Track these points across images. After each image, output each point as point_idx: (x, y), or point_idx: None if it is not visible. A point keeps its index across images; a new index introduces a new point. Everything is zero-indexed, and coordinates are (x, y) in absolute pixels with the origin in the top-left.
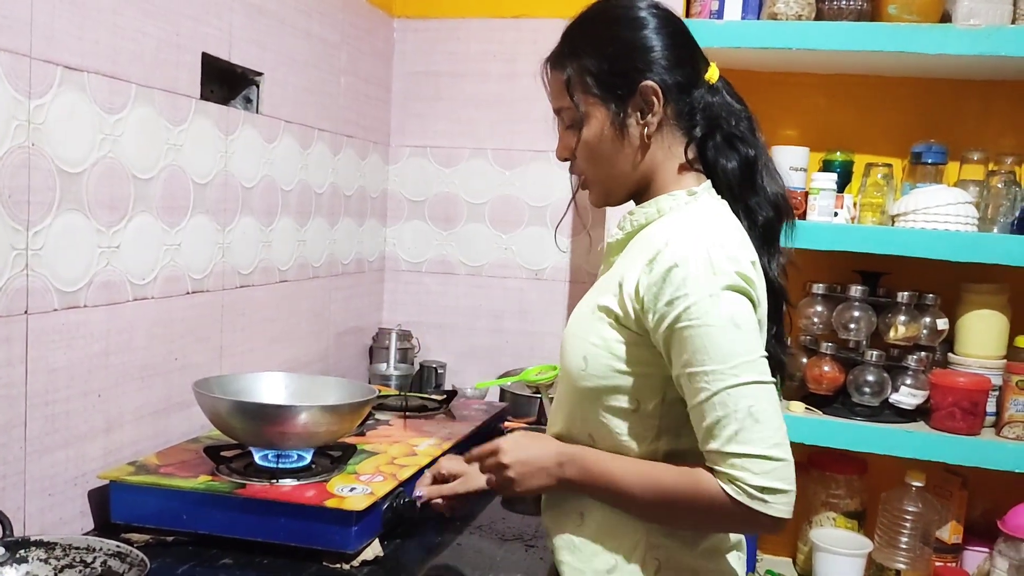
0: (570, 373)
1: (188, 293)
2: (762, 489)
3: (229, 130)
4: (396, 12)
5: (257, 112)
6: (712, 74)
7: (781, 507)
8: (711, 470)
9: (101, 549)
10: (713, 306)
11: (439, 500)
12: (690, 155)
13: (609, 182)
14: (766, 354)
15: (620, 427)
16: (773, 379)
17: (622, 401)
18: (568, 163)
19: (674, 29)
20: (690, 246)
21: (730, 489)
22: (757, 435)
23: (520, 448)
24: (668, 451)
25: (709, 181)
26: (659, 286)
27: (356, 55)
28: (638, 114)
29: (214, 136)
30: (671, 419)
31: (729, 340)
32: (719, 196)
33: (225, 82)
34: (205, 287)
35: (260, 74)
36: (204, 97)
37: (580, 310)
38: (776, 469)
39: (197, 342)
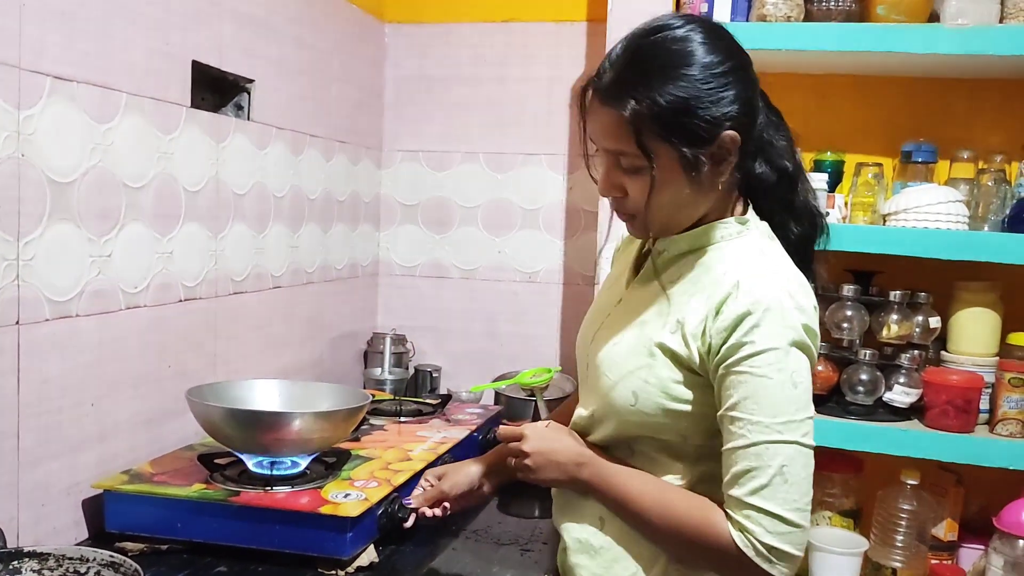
0: (615, 405)
1: (181, 301)
2: (771, 549)
3: (220, 137)
4: (387, 18)
5: (248, 119)
6: None
7: (785, 571)
8: (727, 514)
9: (94, 559)
10: (777, 360)
11: (427, 509)
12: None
13: (669, 222)
14: (812, 417)
15: (659, 458)
16: (813, 445)
17: (669, 435)
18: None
19: (737, 62)
20: (763, 294)
21: (739, 539)
22: (782, 495)
23: (543, 439)
24: (704, 472)
25: (751, 206)
26: (729, 331)
27: (347, 61)
28: (710, 160)
29: (205, 144)
30: (715, 447)
31: (783, 397)
32: (761, 220)
33: (216, 90)
34: (198, 294)
35: (251, 81)
36: (195, 105)
37: (627, 341)
38: (791, 533)
39: (190, 350)
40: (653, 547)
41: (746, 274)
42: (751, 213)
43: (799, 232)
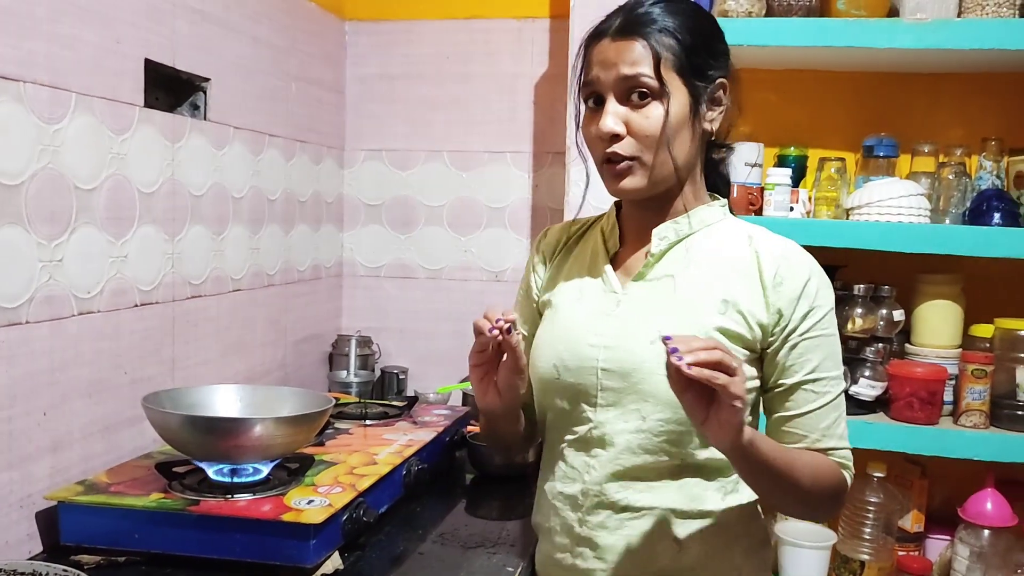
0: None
1: (137, 306)
2: (851, 474)
3: (176, 138)
4: (347, 15)
5: (205, 119)
6: None
7: None
8: (831, 460)
9: (48, 573)
10: (834, 317)
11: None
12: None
13: (662, 168)
14: None
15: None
16: None
17: None
18: (606, 141)
19: (720, 30)
20: (808, 259)
21: (848, 477)
22: (843, 430)
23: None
24: None
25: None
26: (799, 299)
27: (307, 59)
28: (709, 101)
29: (160, 144)
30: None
31: (840, 348)
32: None
33: (171, 89)
34: (155, 299)
35: (207, 80)
36: (149, 105)
37: (670, 330)
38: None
39: (147, 355)
40: (733, 563)
41: (780, 247)
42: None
43: None
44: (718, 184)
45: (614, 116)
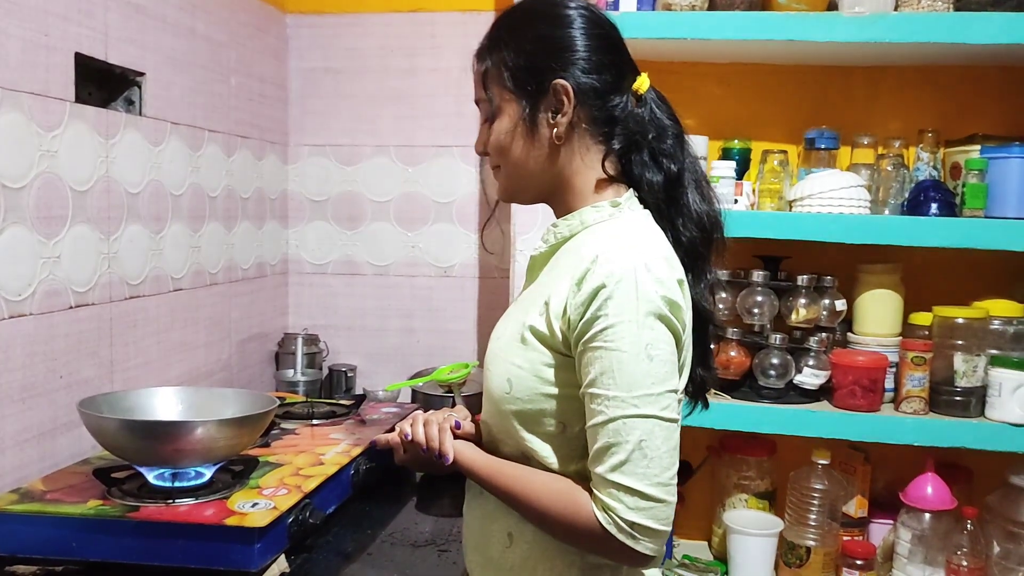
0: (493, 395)
1: (71, 307)
2: (632, 525)
3: (109, 134)
4: (289, 8)
5: (140, 114)
6: (640, 84)
7: (648, 546)
8: (592, 494)
9: None
10: (630, 332)
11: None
12: (610, 168)
13: (516, 180)
14: (675, 391)
15: (545, 449)
16: (675, 418)
17: (548, 424)
18: (488, 157)
19: (601, 32)
20: (618, 266)
21: (601, 517)
22: (642, 470)
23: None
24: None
25: (632, 192)
26: (586, 305)
27: (246, 53)
28: (550, 114)
29: (92, 140)
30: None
31: (638, 370)
32: (644, 209)
33: (104, 84)
34: (90, 300)
35: (142, 74)
36: (80, 100)
37: (504, 329)
38: (652, 508)
39: (84, 358)
40: (566, 559)
41: (605, 248)
42: (630, 199)
43: (688, 236)
44: (643, 175)
45: (479, 136)
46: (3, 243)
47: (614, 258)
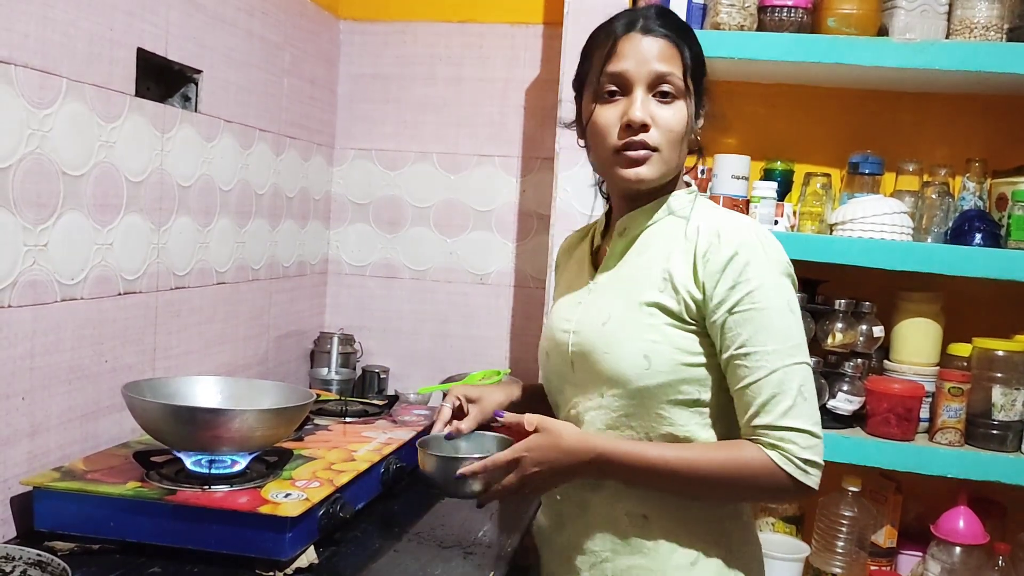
0: (626, 375)
1: (120, 294)
2: (805, 461)
3: (165, 128)
4: (342, 14)
5: (196, 111)
6: None
7: (816, 479)
8: (757, 442)
9: (20, 558)
10: (773, 291)
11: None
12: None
13: (672, 168)
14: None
15: (681, 418)
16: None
17: (688, 393)
18: (633, 131)
19: None
20: (744, 235)
21: (779, 459)
22: (806, 412)
23: (535, 461)
24: (721, 438)
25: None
26: (720, 273)
27: (300, 56)
28: (700, 112)
29: (149, 134)
30: (723, 407)
31: (786, 324)
32: None
33: (162, 79)
34: (138, 288)
35: (199, 72)
36: (139, 94)
37: (616, 315)
38: (817, 445)
39: (129, 344)
40: (709, 526)
41: (723, 223)
42: (693, 185)
43: None
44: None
45: (643, 109)
46: (60, 228)
47: (738, 230)
